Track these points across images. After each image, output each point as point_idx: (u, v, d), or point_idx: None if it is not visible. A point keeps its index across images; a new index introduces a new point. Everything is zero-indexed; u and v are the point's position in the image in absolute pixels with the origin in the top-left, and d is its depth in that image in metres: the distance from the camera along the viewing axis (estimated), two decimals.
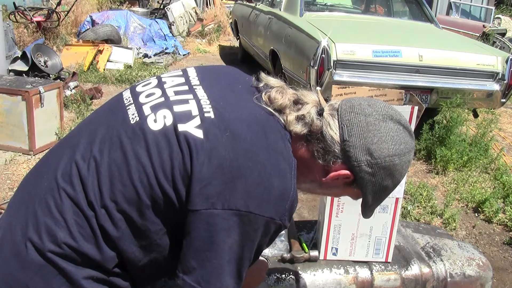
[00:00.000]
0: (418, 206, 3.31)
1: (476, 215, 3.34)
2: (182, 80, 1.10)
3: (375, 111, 1.02)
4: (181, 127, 0.97)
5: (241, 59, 7.85)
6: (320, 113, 1.03)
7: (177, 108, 1.01)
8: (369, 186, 1.03)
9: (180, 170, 0.95)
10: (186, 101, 1.02)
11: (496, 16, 11.61)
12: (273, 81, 1.10)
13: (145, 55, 7.47)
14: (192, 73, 1.12)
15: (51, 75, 5.29)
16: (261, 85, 1.10)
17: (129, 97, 1.09)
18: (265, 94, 1.06)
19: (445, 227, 3.10)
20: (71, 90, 4.92)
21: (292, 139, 1.03)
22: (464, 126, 4.50)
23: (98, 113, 1.14)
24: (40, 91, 3.67)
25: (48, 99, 3.79)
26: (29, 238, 0.96)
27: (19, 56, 5.39)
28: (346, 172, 1.02)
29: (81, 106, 4.64)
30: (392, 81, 4.14)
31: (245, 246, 0.96)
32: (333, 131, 1.01)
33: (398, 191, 2.39)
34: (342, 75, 4.08)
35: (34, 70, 5.23)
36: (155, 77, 1.15)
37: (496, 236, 3.13)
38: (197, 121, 0.98)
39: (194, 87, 1.07)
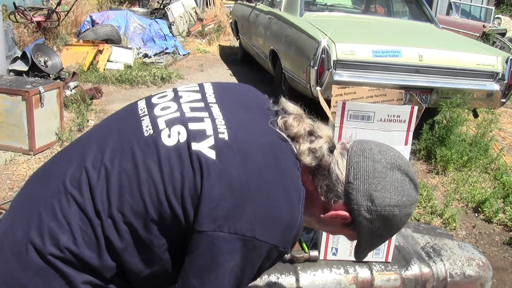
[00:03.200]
0: (418, 206, 3.31)
1: (476, 215, 3.34)
2: (198, 96, 1.09)
3: (384, 158, 1.02)
4: (195, 146, 0.97)
5: (241, 59, 7.85)
6: (331, 150, 1.04)
7: (192, 126, 1.00)
8: (365, 231, 1.04)
9: (190, 189, 0.95)
10: (201, 119, 1.02)
11: (496, 16, 11.61)
12: (291, 107, 1.09)
13: (145, 55, 7.46)
14: (208, 90, 1.12)
15: (51, 75, 5.29)
16: (277, 108, 1.10)
17: (144, 108, 1.08)
18: (281, 119, 1.06)
19: (445, 227, 3.10)
20: (71, 90, 4.92)
21: (300, 169, 1.03)
22: (464, 126, 4.50)
23: (111, 121, 1.13)
24: (40, 91, 3.67)
25: (48, 99, 3.79)
26: (30, 239, 0.96)
27: (19, 56, 5.38)
28: (345, 213, 1.03)
29: (81, 106, 4.64)
30: (392, 81, 4.14)
31: (246, 269, 0.97)
32: (340, 170, 1.02)
33: None
34: (342, 75, 4.08)
35: (34, 70, 5.23)
36: (171, 89, 1.15)
37: (496, 236, 3.13)
38: (210, 141, 0.98)
39: (210, 104, 1.06)
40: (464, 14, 11.64)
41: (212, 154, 0.96)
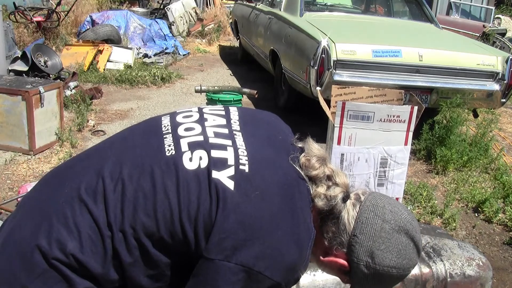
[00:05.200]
0: (418, 206, 3.31)
1: (476, 215, 3.34)
2: (223, 121, 1.10)
3: (394, 220, 1.04)
4: (215, 174, 0.98)
5: (241, 59, 7.85)
6: (345, 199, 1.05)
7: (215, 153, 1.01)
8: (360, 283, 1.07)
9: (204, 216, 0.96)
10: (224, 147, 1.02)
11: (496, 16, 11.61)
12: (316, 149, 1.10)
13: (145, 55, 7.46)
14: (234, 116, 1.13)
15: (51, 75, 5.29)
16: (301, 145, 1.11)
17: (167, 125, 1.09)
18: (304, 157, 1.07)
19: (445, 227, 3.10)
20: (71, 90, 4.92)
21: (312, 210, 1.05)
22: (464, 126, 4.50)
23: (133, 132, 1.14)
24: (40, 91, 3.67)
25: (48, 99, 3.79)
26: (38, 242, 0.96)
27: (19, 56, 5.38)
28: (344, 262, 1.05)
29: (81, 106, 4.64)
30: (392, 81, 4.14)
31: None
32: (348, 221, 1.04)
33: (398, 191, 2.39)
34: (342, 75, 4.08)
35: (34, 70, 5.23)
36: (196, 108, 1.16)
37: (496, 236, 3.13)
38: (231, 171, 0.99)
39: (234, 133, 1.07)
40: (464, 14, 11.64)
41: (230, 185, 0.97)
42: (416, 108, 2.27)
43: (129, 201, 0.97)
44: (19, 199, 2.82)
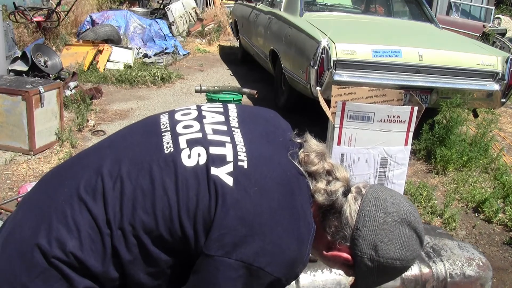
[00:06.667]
0: (418, 206, 3.31)
1: (476, 215, 3.34)
2: (222, 118, 1.10)
3: (396, 212, 1.04)
4: (214, 171, 0.98)
5: (241, 59, 7.85)
6: (346, 193, 1.05)
7: (213, 150, 1.01)
8: (364, 276, 1.07)
9: (204, 212, 0.96)
10: (222, 144, 1.03)
11: (496, 16, 11.60)
12: (315, 144, 1.10)
13: (145, 55, 7.46)
14: (232, 113, 1.13)
15: (51, 75, 5.29)
16: (300, 141, 1.11)
17: (166, 123, 1.09)
18: (302, 153, 1.07)
19: (445, 227, 3.10)
20: (71, 90, 4.92)
21: (312, 205, 1.05)
22: (464, 126, 4.50)
23: (132, 131, 1.14)
24: (40, 91, 3.67)
25: (48, 99, 3.79)
26: (37, 241, 0.96)
27: (19, 56, 5.38)
28: (348, 256, 1.05)
29: (81, 106, 4.64)
30: (392, 81, 4.14)
31: None
32: (350, 215, 1.03)
33: (398, 191, 2.39)
34: (342, 75, 4.08)
35: (34, 70, 5.23)
36: (195, 106, 1.16)
37: (496, 236, 3.13)
38: (229, 167, 0.99)
39: (232, 129, 1.07)
40: (464, 14, 11.64)
41: (229, 181, 0.97)
42: (416, 108, 2.27)
43: (128, 199, 0.97)
44: (19, 199, 2.82)
